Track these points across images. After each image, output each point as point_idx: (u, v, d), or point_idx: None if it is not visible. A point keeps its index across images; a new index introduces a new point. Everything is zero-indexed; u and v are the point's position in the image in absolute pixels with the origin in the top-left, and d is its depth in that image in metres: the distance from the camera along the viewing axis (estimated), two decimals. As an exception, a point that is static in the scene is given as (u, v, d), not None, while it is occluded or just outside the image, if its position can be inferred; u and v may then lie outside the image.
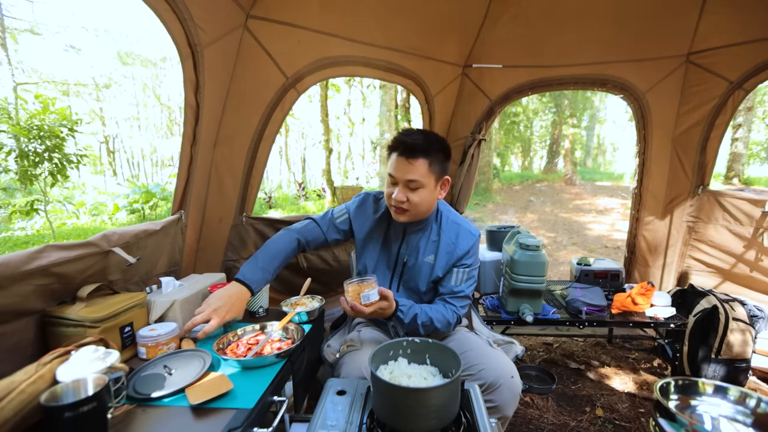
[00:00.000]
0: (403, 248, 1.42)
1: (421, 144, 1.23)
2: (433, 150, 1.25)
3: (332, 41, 2.03)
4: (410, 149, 1.23)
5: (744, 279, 2.26)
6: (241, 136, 1.96)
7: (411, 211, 1.29)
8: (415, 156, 1.23)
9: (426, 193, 1.27)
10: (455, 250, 1.36)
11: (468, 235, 1.38)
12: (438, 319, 1.33)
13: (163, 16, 1.37)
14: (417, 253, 1.39)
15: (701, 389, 0.88)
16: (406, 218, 1.32)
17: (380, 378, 0.80)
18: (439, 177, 1.30)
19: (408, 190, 1.26)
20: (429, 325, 1.31)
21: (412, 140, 1.23)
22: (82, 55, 16.60)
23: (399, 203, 1.27)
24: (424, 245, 1.39)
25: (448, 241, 1.37)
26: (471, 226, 1.43)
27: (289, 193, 12.16)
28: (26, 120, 4.99)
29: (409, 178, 1.24)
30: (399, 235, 1.43)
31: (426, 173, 1.24)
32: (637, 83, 2.43)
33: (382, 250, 1.45)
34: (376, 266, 1.46)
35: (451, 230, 1.39)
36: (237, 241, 2.08)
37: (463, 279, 1.38)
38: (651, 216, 2.64)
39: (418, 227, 1.39)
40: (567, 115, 15.35)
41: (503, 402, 1.21)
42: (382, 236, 1.46)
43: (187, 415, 0.89)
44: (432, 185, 1.28)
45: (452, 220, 1.42)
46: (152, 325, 1.24)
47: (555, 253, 5.82)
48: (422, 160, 1.23)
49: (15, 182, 5.77)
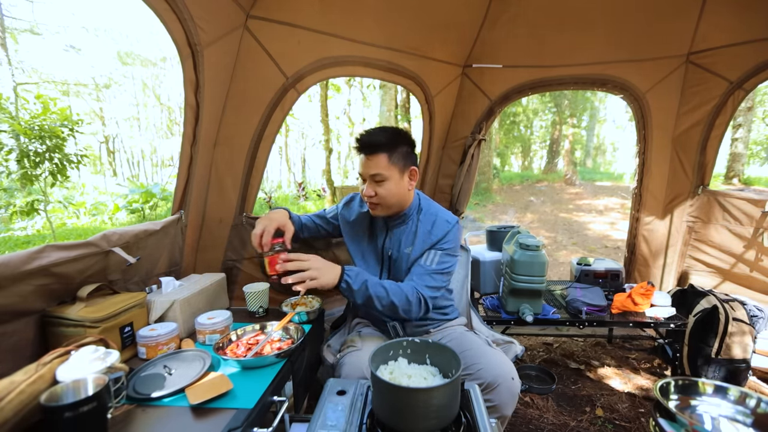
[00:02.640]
0: (388, 242, 1.47)
1: (378, 139, 1.32)
2: (390, 143, 1.33)
3: (332, 41, 2.03)
4: (368, 146, 1.33)
5: (744, 279, 2.26)
6: (241, 136, 1.96)
7: (382, 204, 1.37)
8: (373, 152, 1.32)
9: (392, 185, 1.34)
10: (430, 236, 1.40)
11: (443, 223, 1.42)
12: (394, 291, 1.26)
13: (163, 16, 1.37)
14: (399, 246, 1.44)
15: (701, 389, 0.88)
16: (381, 212, 1.40)
17: (380, 378, 0.80)
18: (403, 168, 1.36)
19: (374, 184, 1.35)
20: (385, 299, 1.24)
21: (369, 138, 1.33)
22: (82, 55, 16.59)
23: (369, 197, 1.37)
24: (404, 238, 1.44)
25: (424, 230, 1.41)
26: (448, 215, 1.46)
27: (289, 193, 12.15)
28: (27, 120, 4.99)
29: (372, 172, 1.33)
30: (383, 229, 1.49)
31: (387, 166, 1.32)
32: (637, 83, 2.43)
33: (369, 245, 1.52)
34: (365, 261, 1.51)
35: (428, 220, 1.43)
36: (237, 241, 2.08)
37: (433, 260, 1.37)
38: (651, 216, 2.64)
39: (398, 221, 1.45)
40: (567, 115, 15.34)
41: (502, 402, 1.21)
42: (368, 232, 1.53)
43: (187, 415, 0.89)
44: (396, 177, 1.35)
45: (431, 212, 1.46)
46: (152, 325, 1.24)
47: (555, 253, 5.82)
48: (381, 155, 1.32)
49: (15, 182, 5.77)
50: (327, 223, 1.67)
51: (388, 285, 1.27)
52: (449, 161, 2.80)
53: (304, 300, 1.58)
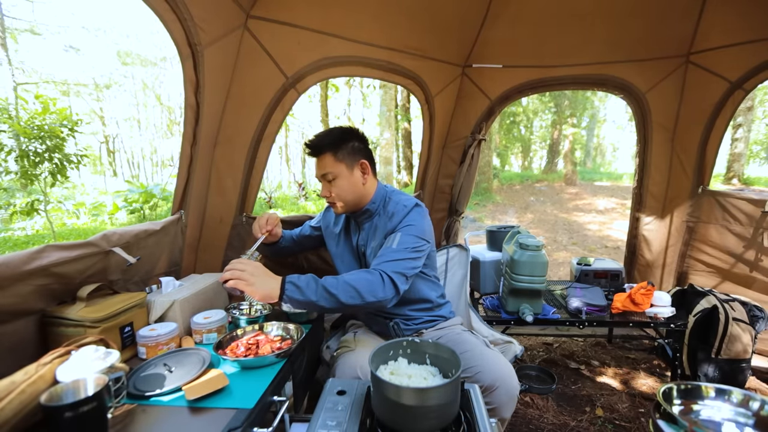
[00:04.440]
0: (360, 239, 1.49)
1: (319, 140, 1.38)
2: (334, 142, 1.37)
3: (332, 41, 2.03)
4: (314, 148, 1.38)
5: (744, 279, 2.26)
6: (241, 136, 1.96)
7: (339, 201, 1.40)
8: (319, 153, 1.38)
9: (343, 182, 1.37)
10: (389, 224, 1.38)
11: (400, 208, 1.38)
12: (352, 278, 1.14)
13: (163, 16, 1.37)
14: (368, 241, 1.46)
15: (704, 393, 0.88)
16: (342, 209, 1.43)
17: (380, 378, 0.80)
18: (352, 162, 1.38)
19: (328, 183, 1.39)
20: (342, 286, 1.11)
21: (315, 140, 1.39)
22: (82, 55, 16.60)
23: (326, 197, 1.41)
24: (372, 232, 1.45)
25: (385, 219, 1.42)
26: (407, 200, 1.41)
27: (289, 193, 12.15)
28: (27, 120, 4.99)
29: (321, 173, 1.39)
30: (355, 227, 1.52)
31: (333, 163, 1.36)
32: (637, 83, 2.43)
33: (346, 244, 1.55)
34: (343, 259, 1.55)
35: (389, 210, 1.42)
36: (237, 241, 2.08)
37: (394, 240, 1.29)
38: (651, 216, 2.64)
39: (364, 216, 1.46)
40: (567, 115, 15.34)
41: (501, 404, 1.21)
42: (344, 232, 1.56)
43: (187, 415, 0.89)
44: (345, 172, 1.37)
45: (394, 201, 1.43)
46: (152, 325, 1.24)
47: (555, 253, 5.82)
48: (327, 154, 1.36)
49: (15, 182, 5.77)
50: (310, 237, 1.72)
51: (345, 275, 1.16)
52: (449, 161, 2.80)
53: None
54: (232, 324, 1.43)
